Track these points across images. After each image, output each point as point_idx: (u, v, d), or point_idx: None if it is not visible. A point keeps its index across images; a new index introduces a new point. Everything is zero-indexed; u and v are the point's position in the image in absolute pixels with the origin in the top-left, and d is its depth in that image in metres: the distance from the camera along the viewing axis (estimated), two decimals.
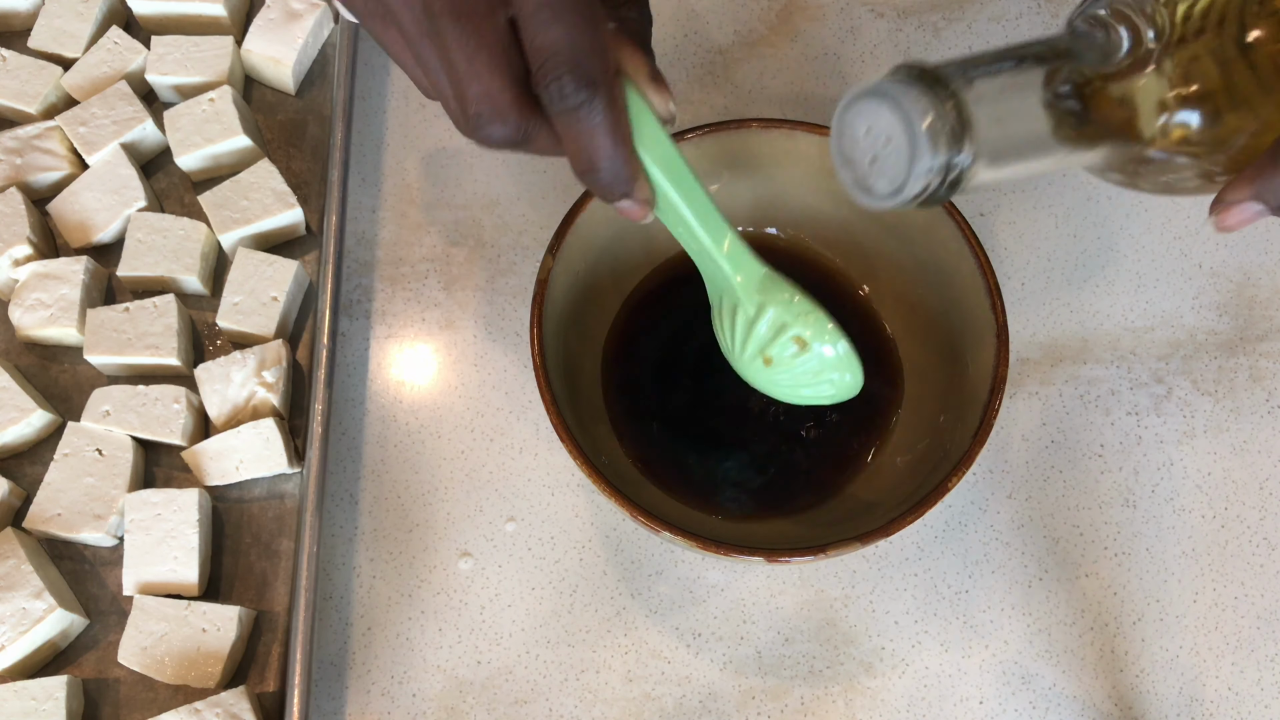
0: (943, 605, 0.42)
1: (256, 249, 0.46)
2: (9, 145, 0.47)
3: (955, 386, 0.40)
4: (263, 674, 0.40)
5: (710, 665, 0.41)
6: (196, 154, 0.46)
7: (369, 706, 0.41)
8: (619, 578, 0.43)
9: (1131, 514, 0.44)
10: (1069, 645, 0.42)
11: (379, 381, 0.46)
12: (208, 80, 0.48)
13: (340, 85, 0.48)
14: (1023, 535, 0.43)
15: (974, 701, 0.41)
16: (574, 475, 0.44)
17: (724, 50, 0.52)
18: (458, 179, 0.49)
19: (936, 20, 0.52)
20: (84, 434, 0.42)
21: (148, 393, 0.43)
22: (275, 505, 0.43)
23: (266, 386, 0.43)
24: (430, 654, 0.42)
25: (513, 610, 0.42)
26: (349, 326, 0.47)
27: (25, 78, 0.48)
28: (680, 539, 0.35)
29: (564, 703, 0.41)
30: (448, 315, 0.47)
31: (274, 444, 0.42)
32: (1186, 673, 0.41)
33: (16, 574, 0.39)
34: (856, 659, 0.42)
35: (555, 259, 0.39)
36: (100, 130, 0.46)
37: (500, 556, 0.43)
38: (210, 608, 0.39)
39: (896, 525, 0.35)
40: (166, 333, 0.43)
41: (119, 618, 0.41)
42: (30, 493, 0.42)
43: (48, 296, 0.44)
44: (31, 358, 0.45)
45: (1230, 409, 0.45)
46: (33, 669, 0.40)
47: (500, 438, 0.45)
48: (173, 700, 0.39)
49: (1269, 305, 0.47)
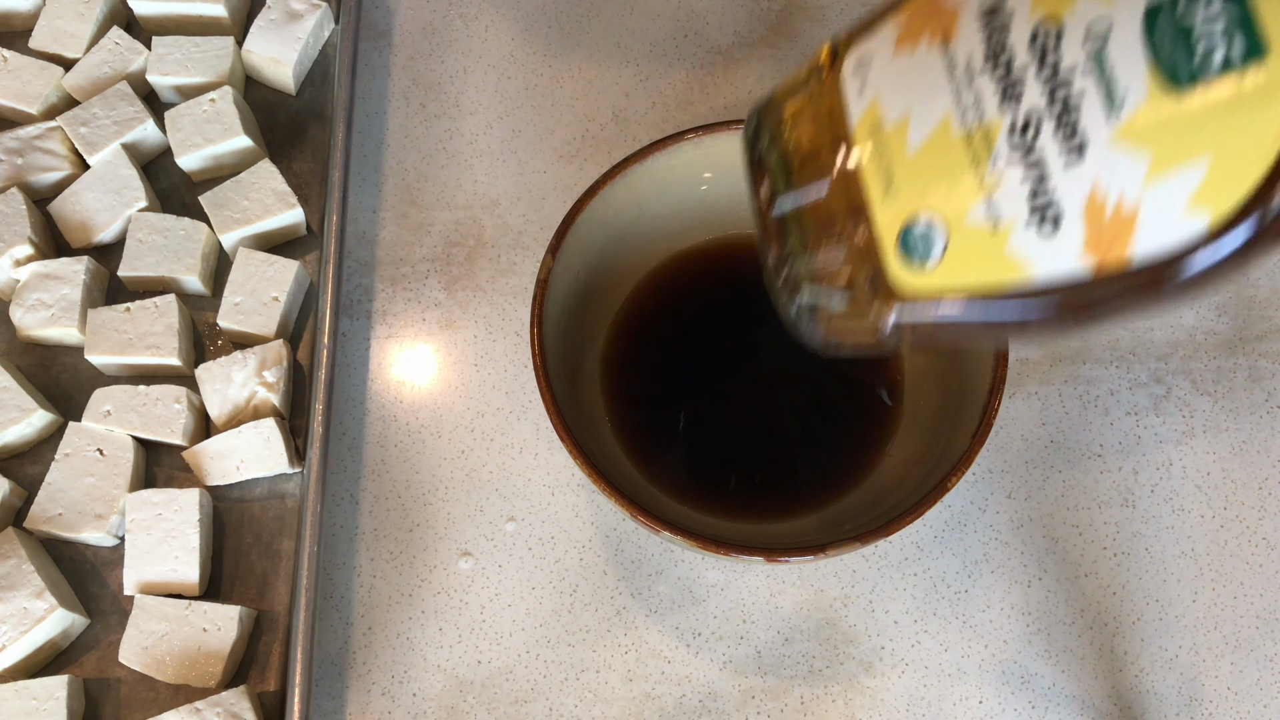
0: (942, 605, 0.42)
1: (257, 249, 0.46)
2: (10, 145, 0.47)
3: (955, 386, 0.40)
4: (263, 673, 0.40)
5: (710, 665, 0.42)
6: (197, 154, 0.47)
7: (369, 706, 0.41)
8: (619, 577, 0.43)
9: (1131, 514, 0.44)
10: (1068, 645, 0.42)
11: (379, 381, 0.46)
12: (208, 81, 0.48)
13: (341, 86, 0.48)
14: (1022, 535, 0.43)
15: (973, 701, 0.41)
16: (574, 475, 0.44)
17: (724, 50, 0.52)
18: (458, 179, 0.50)
19: None
20: (85, 434, 0.42)
21: (148, 393, 0.43)
22: (276, 505, 0.43)
23: (267, 386, 0.43)
24: (431, 653, 0.42)
25: (513, 610, 0.42)
26: (349, 326, 0.47)
27: (26, 78, 0.48)
28: (680, 539, 0.35)
29: (564, 702, 0.41)
30: (448, 315, 0.47)
31: (275, 444, 0.42)
32: (1186, 672, 0.41)
33: (17, 574, 0.39)
34: (856, 658, 0.42)
35: (555, 259, 0.39)
36: (101, 130, 0.47)
37: (500, 556, 0.43)
38: (211, 607, 0.39)
39: (896, 525, 0.35)
40: (167, 333, 0.43)
41: (120, 617, 0.41)
42: (31, 492, 0.42)
43: (49, 296, 0.44)
44: (32, 358, 0.45)
45: (1229, 409, 0.45)
46: (34, 669, 0.40)
47: (500, 437, 0.45)
48: (173, 700, 0.39)
49: (1268, 305, 0.47)
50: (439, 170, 0.50)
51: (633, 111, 0.51)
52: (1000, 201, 0.23)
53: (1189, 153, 0.21)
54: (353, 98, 0.49)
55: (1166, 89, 0.21)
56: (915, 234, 0.24)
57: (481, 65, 0.52)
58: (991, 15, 0.24)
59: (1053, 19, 0.23)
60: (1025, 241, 0.23)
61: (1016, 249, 0.23)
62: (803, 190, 0.27)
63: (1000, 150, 0.23)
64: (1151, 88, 0.21)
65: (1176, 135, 0.21)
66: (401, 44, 0.52)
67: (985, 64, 0.24)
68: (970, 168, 0.23)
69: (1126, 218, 0.22)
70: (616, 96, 0.51)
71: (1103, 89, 0.22)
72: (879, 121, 0.25)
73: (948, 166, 0.24)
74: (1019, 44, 0.23)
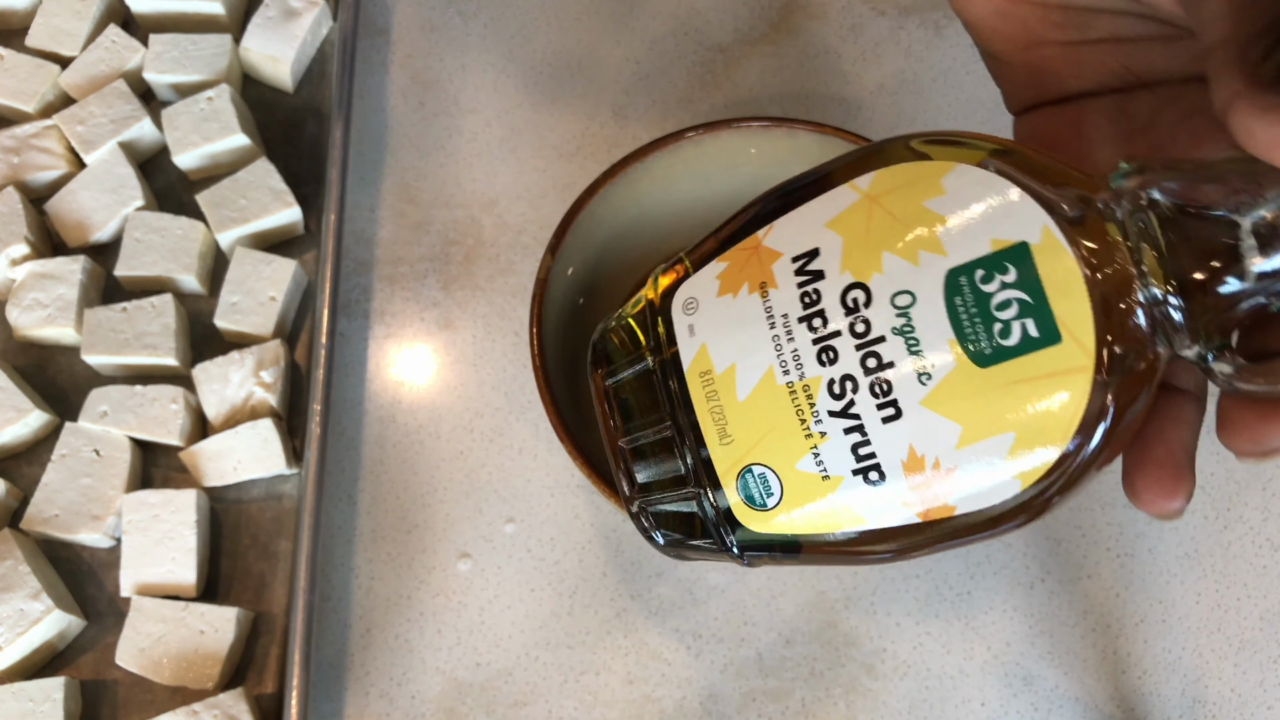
0: (944, 607, 0.42)
1: (254, 248, 0.45)
2: (6, 144, 0.47)
3: None
4: (261, 675, 0.40)
5: (711, 667, 0.41)
6: (194, 153, 0.46)
7: (367, 708, 0.41)
8: (619, 579, 0.43)
9: (1134, 515, 0.43)
10: (1071, 647, 0.42)
11: (377, 382, 0.46)
12: (206, 79, 0.47)
13: (339, 84, 0.48)
14: (1024, 536, 0.43)
15: (976, 703, 0.41)
16: (574, 476, 0.44)
17: (725, 48, 0.52)
18: (457, 178, 0.49)
19: (938, 18, 0.52)
20: (81, 434, 0.42)
21: (145, 393, 0.43)
22: (273, 506, 0.43)
23: (264, 387, 0.43)
24: (429, 655, 0.42)
25: (512, 612, 0.42)
26: (347, 326, 0.47)
27: (22, 76, 0.47)
28: None
29: (564, 705, 0.41)
30: (447, 315, 0.47)
31: (272, 444, 0.42)
32: (1189, 674, 0.41)
33: (14, 575, 0.39)
34: (858, 661, 0.41)
35: (555, 258, 0.38)
36: (98, 129, 0.46)
37: (499, 558, 0.43)
38: (208, 609, 0.39)
39: None
40: (164, 333, 0.43)
41: (117, 619, 0.41)
42: (27, 493, 0.42)
43: (45, 296, 0.44)
44: (29, 358, 0.45)
45: None
46: (30, 670, 0.40)
47: (499, 438, 0.45)
48: (170, 702, 0.39)
49: None
50: (437, 169, 0.49)
51: (633, 109, 0.50)
52: (826, 454, 0.24)
53: (995, 426, 0.22)
54: (351, 96, 0.48)
55: (970, 365, 0.22)
56: (752, 479, 0.25)
57: (480, 63, 0.52)
58: (804, 269, 0.25)
59: (860, 283, 0.24)
60: (854, 491, 0.24)
61: (847, 497, 0.24)
62: (647, 429, 0.27)
63: (821, 407, 0.24)
64: (957, 363, 0.23)
65: (983, 408, 0.22)
66: (400, 41, 0.52)
67: (801, 321, 0.24)
68: (796, 421, 0.24)
69: (945, 476, 0.23)
70: (616, 94, 0.51)
71: (910, 359, 0.23)
72: (709, 369, 0.26)
73: (775, 418, 0.25)
74: (831, 305, 0.24)
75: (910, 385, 0.23)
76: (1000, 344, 0.22)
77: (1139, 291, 0.22)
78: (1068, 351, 0.22)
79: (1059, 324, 0.22)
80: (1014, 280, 0.22)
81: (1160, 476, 0.24)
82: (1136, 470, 0.24)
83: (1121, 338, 0.22)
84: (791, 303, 0.25)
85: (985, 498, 0.23)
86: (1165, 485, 0.24)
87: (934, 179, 0.24)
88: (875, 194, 0.24)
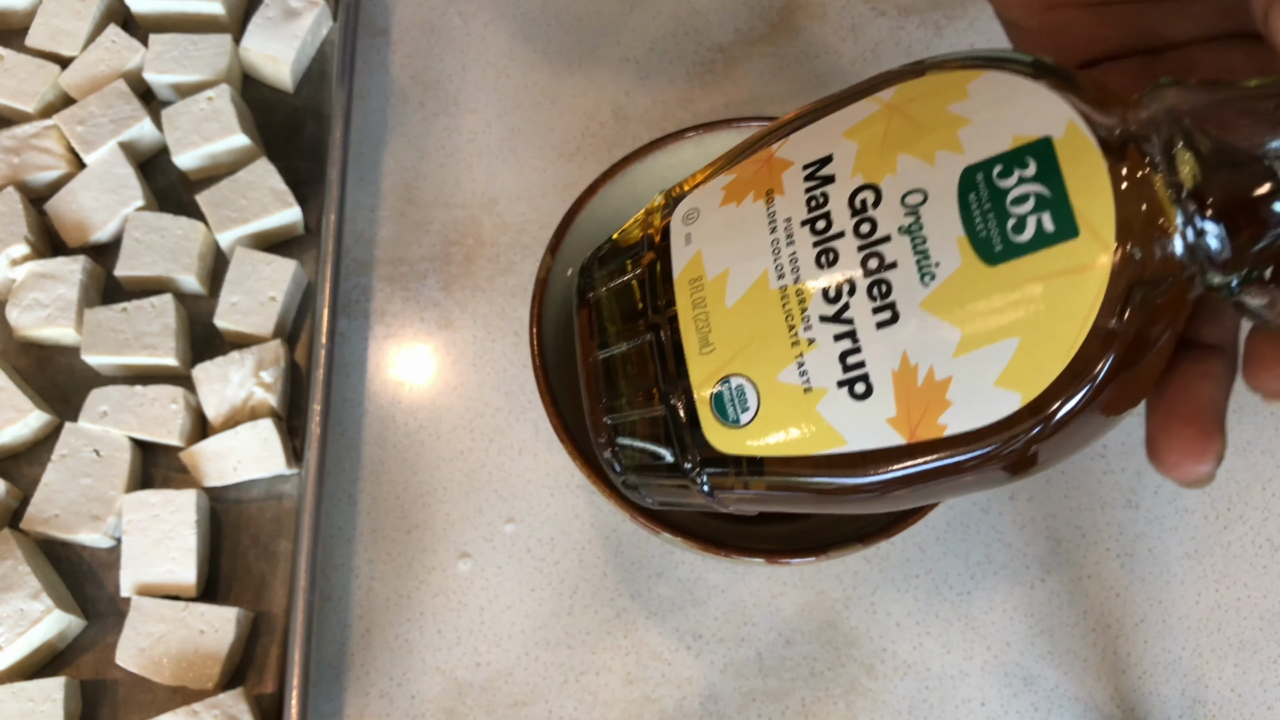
0: (945, 607, 0.42)
1: (255, 248, 0.45)
2: (6, 144, 0.47)
3: None
4: (261, 675, 0.40)
5: (711, 667, 0.41)
6: (194, 153, 0.46)
7: (368, 708, 0.41)
8: (619, 579, 0.43)
9: (1134, 515, 0.43)
10: (1071, 647, 0.42)
11: (377, 382, 0.46)
12: (206, 79, 0.47)
13: (339, 84, 0.48)
14: (1025, 536, 0.43)
15: (976, 703, 0.41)
16: (573, 476, 0.44)
17: (724, 48, 0.52)
18: (456, 178, 0.49)
19: (938, 18, 0.52)
20: (81, 434, 0.42)
21: (145, 393, 0.43)
22: (273, 506, 0.43)
23: (264, 387, 0.43)
24: (429, 655, 0.42)
25: (512, 612, 0.42)
26: (347, 326, 0.47)
27: (22, 76, 0.47)
28: (680, 540, 0.34)
29: (564, 704, 0.41)
30: (447, 315, 0.47)
31: (272, 444, 0.42)
32: (1189, 674, 0.41)
33: (14, 575, 0.39)
34: (858, 661, 0.41)
35: (555, 258, 0.38)
36: (98, 129, 0.46)
37: (499, 558, 0.43)
38: (208, 609, 0.39)
39: (898, 526, 0.34)
40: (164, 333, 0.43)
41: (117, 619, 0.41)
42: (27, 493, 0.42)
43: (45, 296, 0.44)
44: (29, 358, 0.45)
45: (1232, 409, 0.45)
46: (30, 670, 0.40)
47: (499, 438, 0.45)
48: (170, 702, 0.39)
49: None
50: (437, 169, 0.49)
51: (633, 109, 0.50)
52: (812, 364, 0.23)
53: (998, 331, 0.21)
54: (351, 96, 0.48)
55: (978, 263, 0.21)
56: (729, 391, 0.24)
57: (480, 63, 0.52)
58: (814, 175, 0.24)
59: (871, 184, 0.22)
60: (837, 405, 0.23)
61: (829, 413, 0.23)
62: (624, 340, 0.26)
63: (813, 312, 0.23)
64: (963, 261, 0.21)
65: (986, 310, 0.21)
66: (400, 41, 0.52)
67: (805, 224, 0.23)
68: (784, 327, 0.23)
69: (938, 389, 0.21)
70: (616, 94, 0.51)
71: (915, 260, 0.22)
72: (700, 275, 0.25)
73: (762, 325, 0.23)
74: (838, 207, 0.23)
75: (911, 286, 0.21)
76: (1012, 240, 0.21)
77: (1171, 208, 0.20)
78: (1085, 246, 0.20)
79: (1077, 217, 0.20)
80: (1033, 174, 0.21)
81: (1187, 435, 0.22)
82: (1160, 432, 0.22)
83: (1144, 241, 0.20)
84: (796, 206, 0.23)
85: (980, 414, 0.21)
86: (1192, 445, 0.22)
87: (960, 85, 0.22)
88: (897, 104, 0.23)
